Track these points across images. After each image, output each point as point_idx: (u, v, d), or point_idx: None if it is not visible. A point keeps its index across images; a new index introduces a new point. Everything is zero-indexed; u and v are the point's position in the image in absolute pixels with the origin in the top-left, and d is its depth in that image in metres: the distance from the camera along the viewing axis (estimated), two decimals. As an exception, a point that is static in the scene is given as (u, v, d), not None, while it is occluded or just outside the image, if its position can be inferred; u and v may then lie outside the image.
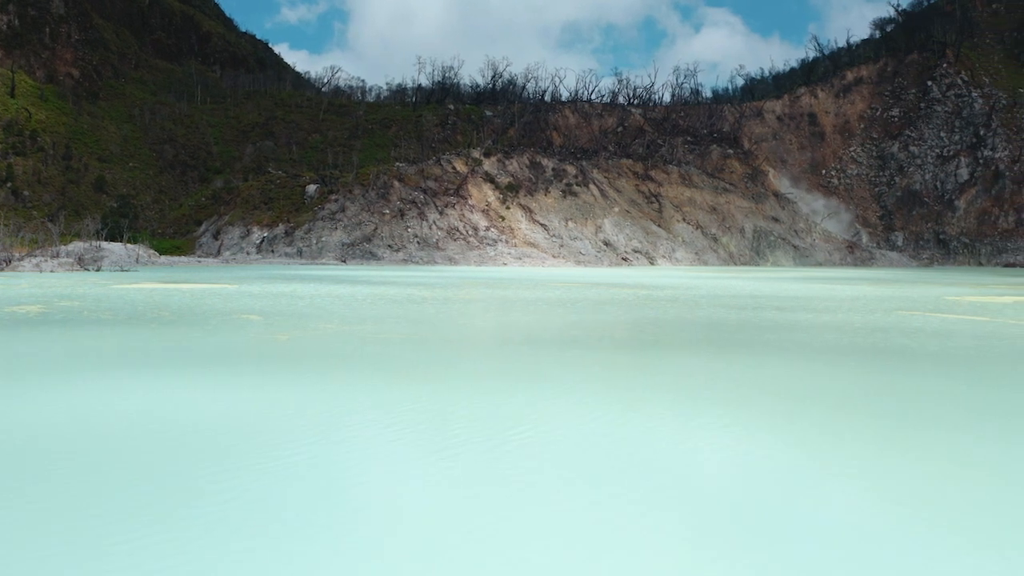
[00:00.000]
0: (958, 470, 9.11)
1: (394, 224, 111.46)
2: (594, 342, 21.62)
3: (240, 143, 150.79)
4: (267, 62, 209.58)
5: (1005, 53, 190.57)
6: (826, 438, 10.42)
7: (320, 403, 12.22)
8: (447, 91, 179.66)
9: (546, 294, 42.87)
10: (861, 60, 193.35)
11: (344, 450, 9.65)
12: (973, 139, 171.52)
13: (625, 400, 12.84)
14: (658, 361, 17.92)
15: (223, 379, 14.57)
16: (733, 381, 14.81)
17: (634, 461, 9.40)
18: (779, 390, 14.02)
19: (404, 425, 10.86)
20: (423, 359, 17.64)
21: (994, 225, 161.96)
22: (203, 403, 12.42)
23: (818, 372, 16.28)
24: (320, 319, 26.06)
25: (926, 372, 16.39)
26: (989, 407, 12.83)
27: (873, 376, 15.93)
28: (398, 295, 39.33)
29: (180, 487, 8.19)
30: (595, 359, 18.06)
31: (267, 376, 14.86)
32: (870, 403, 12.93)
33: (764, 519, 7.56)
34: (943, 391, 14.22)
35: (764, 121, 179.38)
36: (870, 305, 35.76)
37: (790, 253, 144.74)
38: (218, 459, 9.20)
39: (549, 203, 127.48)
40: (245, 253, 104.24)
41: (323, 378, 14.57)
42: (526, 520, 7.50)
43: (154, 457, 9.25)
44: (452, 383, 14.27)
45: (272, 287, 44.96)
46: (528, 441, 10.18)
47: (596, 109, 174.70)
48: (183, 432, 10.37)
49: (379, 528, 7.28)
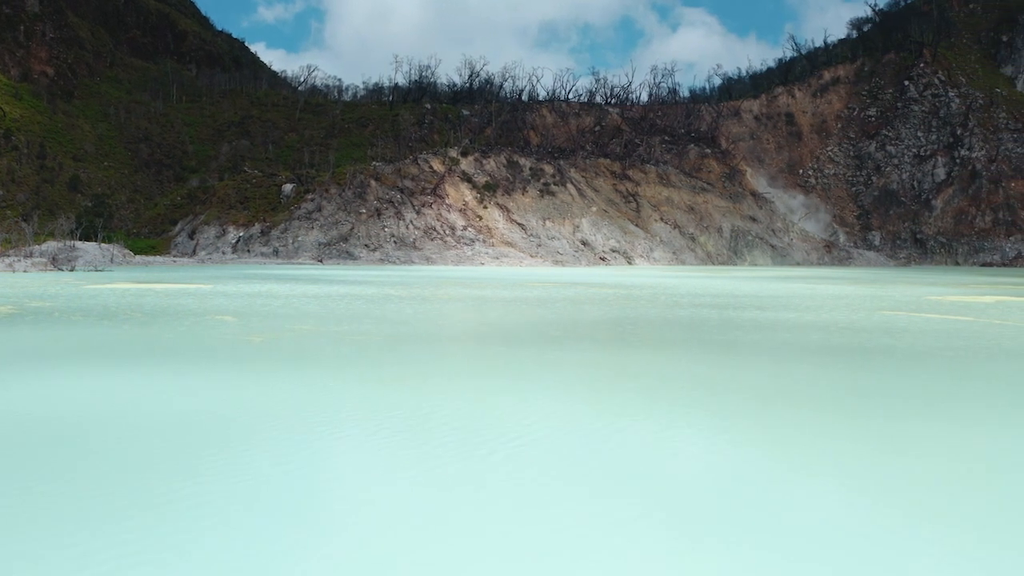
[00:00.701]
0: (956, 466, 9.24)
1: (371, 223, 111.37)
2: (573, 342, 21.76)
3: (216, 142, 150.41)
4: (243, 61, 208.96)
5: (982, 53, 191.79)
6: (817, 440, 10.54)
7: (293, 403, 12.22)
8: (424, 90, 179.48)
9: (524, 294, 43.28)
10: (838, 60, 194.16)
11: (318, 451, 9.72)
12: (950, 139, 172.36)
13: (604, 400, 12.94)
14: (642, 362, 17.98)
15: (191, 379, 14.48)
16: (716, 383, 14.86)
17: (614, 461, 9.49)
18: (764, 390, 14.12)
19: (380, 425, 10.93)
20: (400, 360, 17.61)
21: (971, 225, 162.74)
22: (169, 400, 12.35)
23: (805, 373, 16.36)
24: (295, 320, 26.02)
25: (915, 372, 16.45)
26: (979, 406, 12.97)
27: (862, 376, 15.89)
28: (375, 295, 39.37)
29: (140, 493, 8.11)
30: (575, 359, 18.20)
31: (240, 375, 14.81)
32: (859, 404, 12.95)
33: (747, 519, 7.64)
34: (932, 391, 14.33)
35: (741, 121, 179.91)
36: (853, 305, 35.98)
37: (768, 253, 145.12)
38: (187, 461, 9.23)
39: (527, 202, 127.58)
40: (221, 253, 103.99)
41: (297, 379, 14.55)
42: (503, 520, 7.54)
43: (108, 463, 9.19)
44: (429, 384, 14.28)
45: (247, 287, 45.08)
46: (508, 442, 10.20)
47: (573, 108, 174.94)
48: (141, 434, 10.39)
49: (354, 528, 7.33)
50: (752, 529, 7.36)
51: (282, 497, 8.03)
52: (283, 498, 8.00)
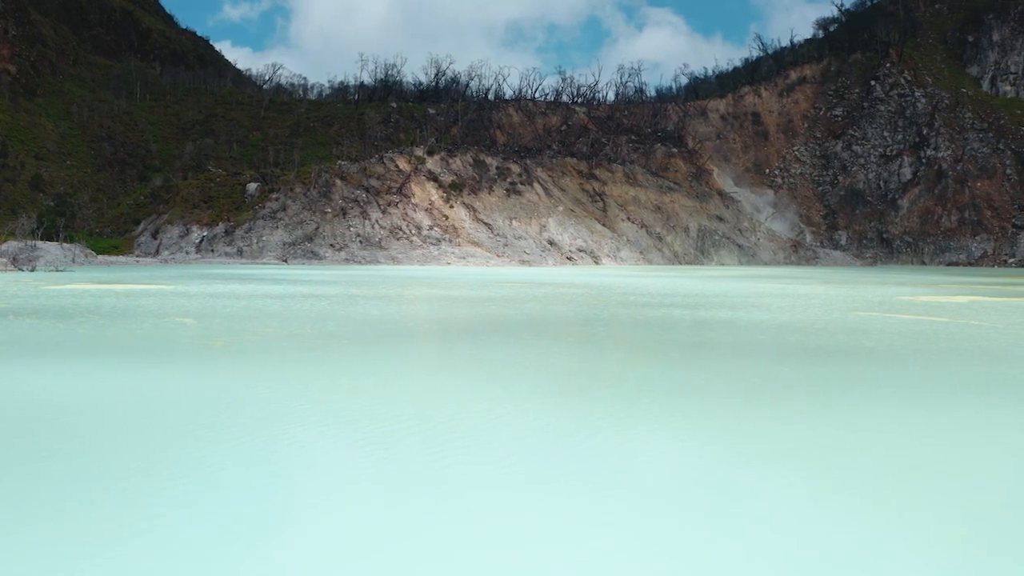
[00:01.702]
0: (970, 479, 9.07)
1: (336, 223, 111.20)
2: (544, 343, 21.63)
3: (180, 141, 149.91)
4: (208, 59, 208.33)
5: (947, 53, 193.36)
6: (802, 444, 10.42)
7: (253, 409, 12.01)
8: (390, 89, 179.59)
9: (492, 293, 43.54)
10: (804, 60, 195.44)
11: (282, 453, 9.69)
12: (916, 138, 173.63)
13: (575, 403, 12.93)
14: (615, 365, 17.98)
15: (142, 383, 14.31)
16: (690, 384, 14.82)
17: (586, 462, 9.49)
18: (742, 393, 13.98)
19: (344, 430, 10.92)
20: (364, 363, 17.40)
21: (937, 224, 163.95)
22: (117, 394, 12.25)
23: (785, 375, 16.08)
24: (258, 321, 25.77)
25: (900, 376, 16.17)
26: (969, 411, 12.75)
27: (845, 382, 15.21)
28: (340, 295, 39.44)
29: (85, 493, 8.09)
30: (543, 361, 18.03)
31: (199, 379, 14.62)
32: (847, 411, 12.53)
33: (712, 512, 7.81)
34: (923, 396, 14.06)
35: (708, 120, 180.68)
36: (825, 305, 36.15)
37: (735, 252, 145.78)
38: (137, 463, 9.16)
39: (493, 202, 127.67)
40: (184, 253, 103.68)
41: (258, 383, 14.28)
42: (465, 516, 7.63)
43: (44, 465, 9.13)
44: (396, 386, 14.13)
45: (210, 287, 45.09)
46: (474, 442, 10.27)
47: (540, 107, 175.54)
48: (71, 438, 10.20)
49: (317, 527, 7.37)
50: (727, 525, 7.47)
51: (245, 494, 8.08)
52: (246, 495, 8.05)
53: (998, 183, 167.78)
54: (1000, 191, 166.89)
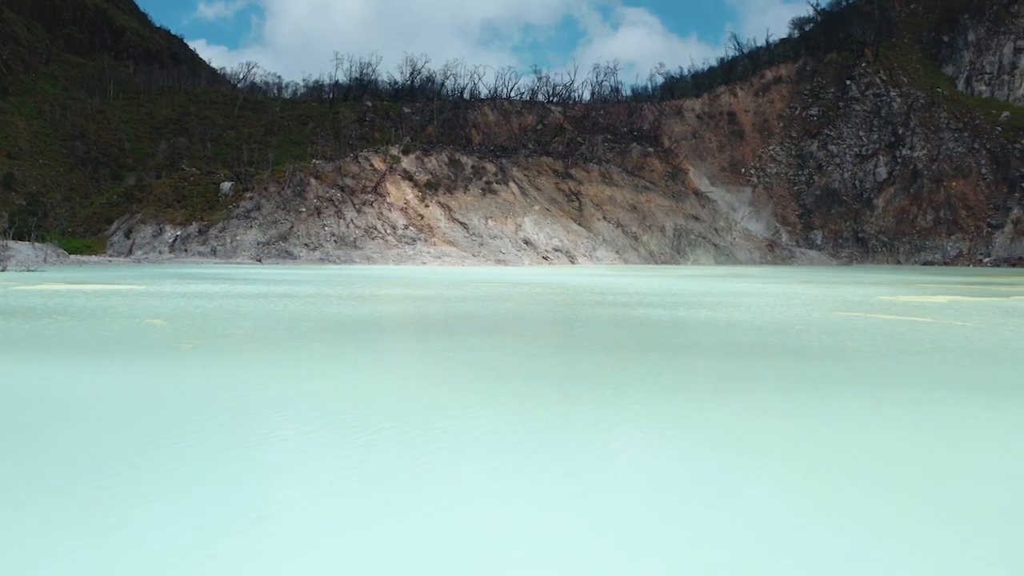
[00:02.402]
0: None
1: (310, 222, 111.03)
2: (522, 345, 21.56)
3: (153, 140, 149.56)
4: (182, 58, 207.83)
5: (923, 53, 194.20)
6: (795, 451, 10.20)
7: (224, 419, 11.77)
8: (365, 88, 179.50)
9: (468, 293, 43.08)
10: (780, 59, 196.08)
11: (250, 458, 9.58)
12: (891, 138, 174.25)
13: (547, 397, 12.92)
14: (598, 367, 17.57)
15: (100, 382, 14.19)
16: (678, 388, 14.64)
17: (564, 465, 9.46)
18: (726, 397, 13.71)
19: (318, 429, 10.96)
20: (339, 365, 17.20)
21: (912, 224, 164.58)
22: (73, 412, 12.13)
23: (771, 379, 15.77)
24: (230, 323, 25.58)
25: (885, 376, 16.07)
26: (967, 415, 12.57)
27: (835, 386, 14.86)
28: (314, 294, 39.67)
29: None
30: (518, 363, 17.82)
31: (165, 384, 14.39)
32: (838, 414, 12.46)
33: (684, 509, 7.89)
34: (906, 395, 13.96)
35: (684, 120, 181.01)
36: (806, 305, 36.19)
37: (711, 252, 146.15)
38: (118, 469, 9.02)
39: (468, 201, 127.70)
40: (158, 252, 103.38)
41: (229, 388, 13.97)
42: (438, 515, 7.67)
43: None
44: (369, 390, 13.99)
45: (182, 287, 44.93)
46: (449, 445, 10.20)
47: (516, 107, 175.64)
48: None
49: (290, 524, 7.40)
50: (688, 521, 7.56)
51: (218, 494, 8.10)
52: (218, 495, 8.07)
53: (973, 183, 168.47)
54: (975, 191, 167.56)
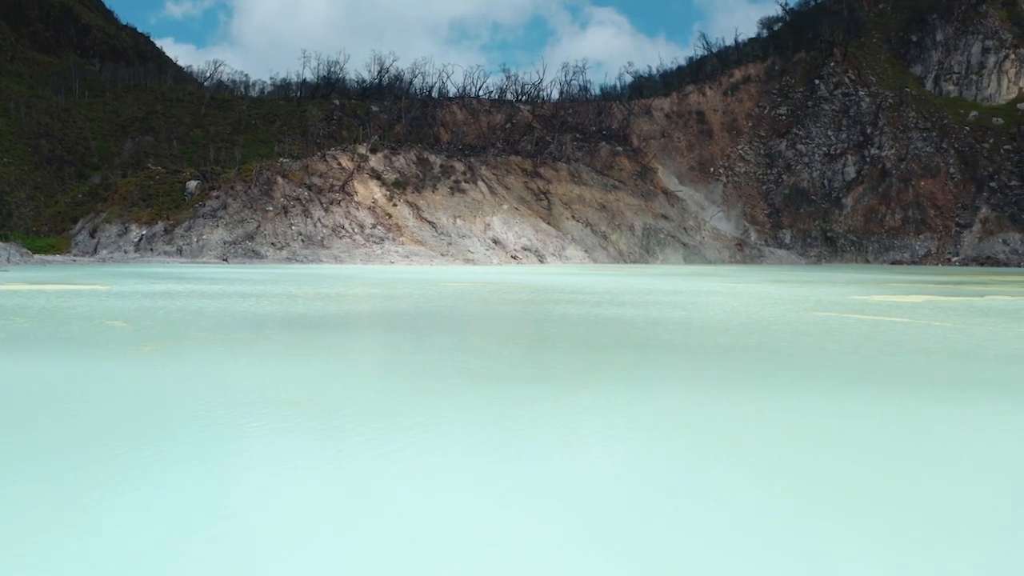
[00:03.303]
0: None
1: (277, 222, 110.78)
2: (493, 347, 21.28)
3: (119, 138, 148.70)
4: (148, 56, 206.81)
5: (891, 52, 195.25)
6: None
7: (180, 415, 11.63)
8: (332, 86, 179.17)
9: (437, 292, 43.28)
10: (749, 59, 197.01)
11: (208, 465, 9.47)
12: (860, 137, 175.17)
13: (517, 395, 13.15)
14: (572, 372, 17.17)
15: (50, 385, 13.97)
16: (657, 392, 14.36)
17: (533, 458, 9.79)
18: (706, 405, 13.40)
19: (281, 433, 10.84)
20: (304, 368, 16.80)
21: (881, 223, 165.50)
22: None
23: (752, 383, 15.45)
24: (192, 325, 25.27)
25: (873, 379, 15.83)
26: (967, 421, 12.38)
27: (818, 384, 15.09)
28: (280, 294, 39.85)
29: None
30: (490, 366, 17.62)
31: (119, 389, 14.15)
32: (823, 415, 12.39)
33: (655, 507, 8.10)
34: (898, 398, 13.80)
35: (653, 119, 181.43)
36: (781, 305, 36.25)
37: (680, 251, 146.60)
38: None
39: (437, 200, 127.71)
40: (123, 252, 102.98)
41: (186, 389, 13.81)
42: (408, 512, 7.82)
43: None
44: (335, 393, 13.75)
45: (145, 287, 45.04)
46: (420, 446, 10.27)
47: (484, 105, 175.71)
48: None
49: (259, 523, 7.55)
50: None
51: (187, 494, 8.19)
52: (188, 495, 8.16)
53: (941, 182, 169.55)
54: (944, 190, 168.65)
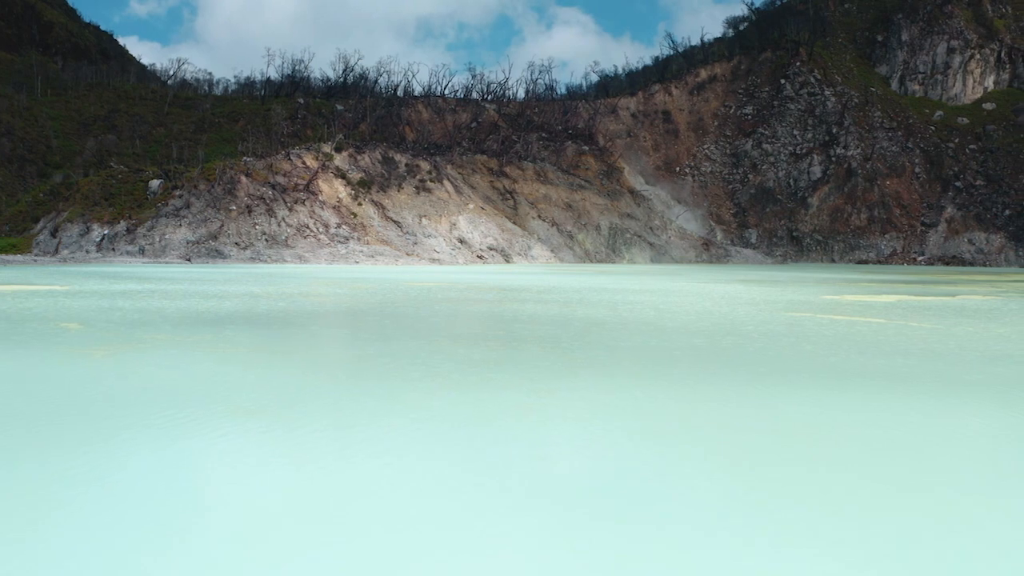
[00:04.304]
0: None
1: (241, 221, 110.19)
2: (462, 350, 20.83)
3: (81, 137, 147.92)
4: (111, 54, 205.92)
5: (857, 52, 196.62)
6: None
7: (133, 427, 11.20)
8: (297, 84, 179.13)
9: (401, 293, 42.63)
10: (715, 58, 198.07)
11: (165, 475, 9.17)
12: (826, 137, 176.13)
13: (500, 415, 12.66)
14: (548, 376, 16.69)
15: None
16: (636, 399, 13.94)
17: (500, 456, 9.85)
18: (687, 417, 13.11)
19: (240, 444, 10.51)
20: (262, 378, 15.96)
21: (846, 222, 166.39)
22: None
23: (736, 385, 14.96)
24: (150, 327, 24.46)
25: (860, 381, 15.34)
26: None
27: (801, 388, 14.62)
28: (242, 293, 39.33)
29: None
30: (455, 371, 17.29)
31: (77, 378, 13.84)
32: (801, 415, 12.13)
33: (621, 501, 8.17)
34: (889, 402, 13.38)
35: (619, 118, 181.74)
36: (752, 305, 35.88)
37: (646, 251, 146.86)
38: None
39: (402, 199, 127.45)
40: (85, 252, 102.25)
41: (139, 398, 13.19)
42: (373, 508, 7.89)
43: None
44: (301, 402, 13.32)
45: (106, 287, 44.26)
46: (386, 441, 10.40)
47: (450, 104, 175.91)
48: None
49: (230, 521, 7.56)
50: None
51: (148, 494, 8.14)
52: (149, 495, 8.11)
53: (907, 181, 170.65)
54: (909, 189, 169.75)
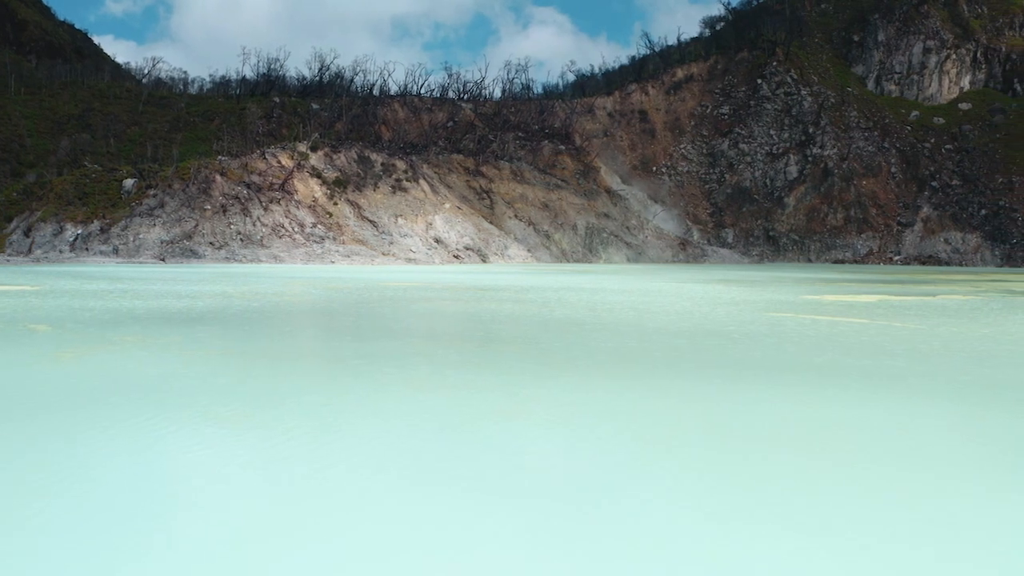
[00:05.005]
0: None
1: (216, 220, 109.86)
2: (440, 352, 20.60)
3: (55, 135, 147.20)
4: (86, 52, 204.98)
5: (833, 52, 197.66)
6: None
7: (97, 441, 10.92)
8: (273, 83, 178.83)
9: (377, 294, 42.25)
10: (691, 58, 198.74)
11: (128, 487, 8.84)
12: (802, 137, 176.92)
13: (452, 396, 13.15)
14: (526, 379, 16.34)
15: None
16: (614, 404, 13.74)
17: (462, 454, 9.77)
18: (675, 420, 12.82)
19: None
20: (233, 383, 15.67)
21: (823, 222, 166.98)
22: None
23: (720, 390, 14.50)
24: (119, 327, 23.95)
25: (845, 387, 14.53)
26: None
27: (785, 393, 13.96)
28: (216, 293, 39.45)
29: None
30: (431, 375, 17.06)
31: (41, 382, 13.59)
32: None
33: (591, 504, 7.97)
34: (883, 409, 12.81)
35: (595, 118, 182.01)
36: (733, 305, 35.37)
37: (623, 250, 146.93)
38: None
39: (378, 199, 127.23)
40: (58, 251, 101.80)
41: (105, 404, 12.90)
42: (346, 515, 7.70)
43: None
44: (272, 409, 13.01)
45: (77, 287, 44.07)
46: (355, 441, 10.36)
47: (426, 103, 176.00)
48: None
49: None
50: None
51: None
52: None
53: (883, 181, 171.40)
54: (885, 189, 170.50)
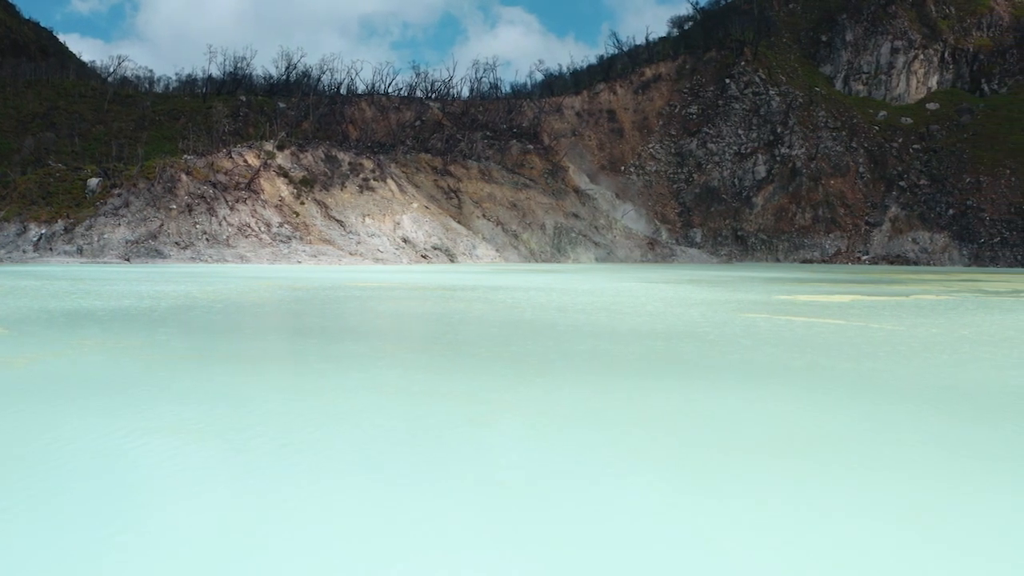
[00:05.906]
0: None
1: (181, 220, 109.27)
2: (406, 355, 20.33)
3: (19, 134, 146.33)
4: (51, 50, 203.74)
5: (801, 52, 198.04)
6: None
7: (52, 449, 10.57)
8: (239, 82, 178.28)
9: (344, 295, 41.82)
10: (660, 58, 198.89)
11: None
12: (770, 137, 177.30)
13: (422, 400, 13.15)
14: (501, 381, 15.88)
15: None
16: (593, 408, 13.39)
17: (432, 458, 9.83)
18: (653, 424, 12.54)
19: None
20: (197, 387, 14.90)
21: (791, 222, 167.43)
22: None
23: (705, 396, 14.12)
24: (79, 330, 23.55)
25: (838, 391, 14.62)
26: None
27: (774, 396, 14.01)
28: (180, 293, 39.36)
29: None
30: (383, 367, 16.91)
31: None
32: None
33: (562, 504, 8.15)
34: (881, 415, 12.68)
35: (563, 117, 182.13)
36: (706, 306, 35.08)
37: (591, 250, 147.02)
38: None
39: (345, 198, 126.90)
40: (21, 251, 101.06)
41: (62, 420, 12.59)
42: (318, 517, 7.75)
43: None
44: (239, 416, 12.66)
45: (39, 288, 43.53)
46: (323, 444, 10.37)
47: (393, 102, 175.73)
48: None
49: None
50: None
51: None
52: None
53: (851, 181, 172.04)
54: (853, 189, 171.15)
